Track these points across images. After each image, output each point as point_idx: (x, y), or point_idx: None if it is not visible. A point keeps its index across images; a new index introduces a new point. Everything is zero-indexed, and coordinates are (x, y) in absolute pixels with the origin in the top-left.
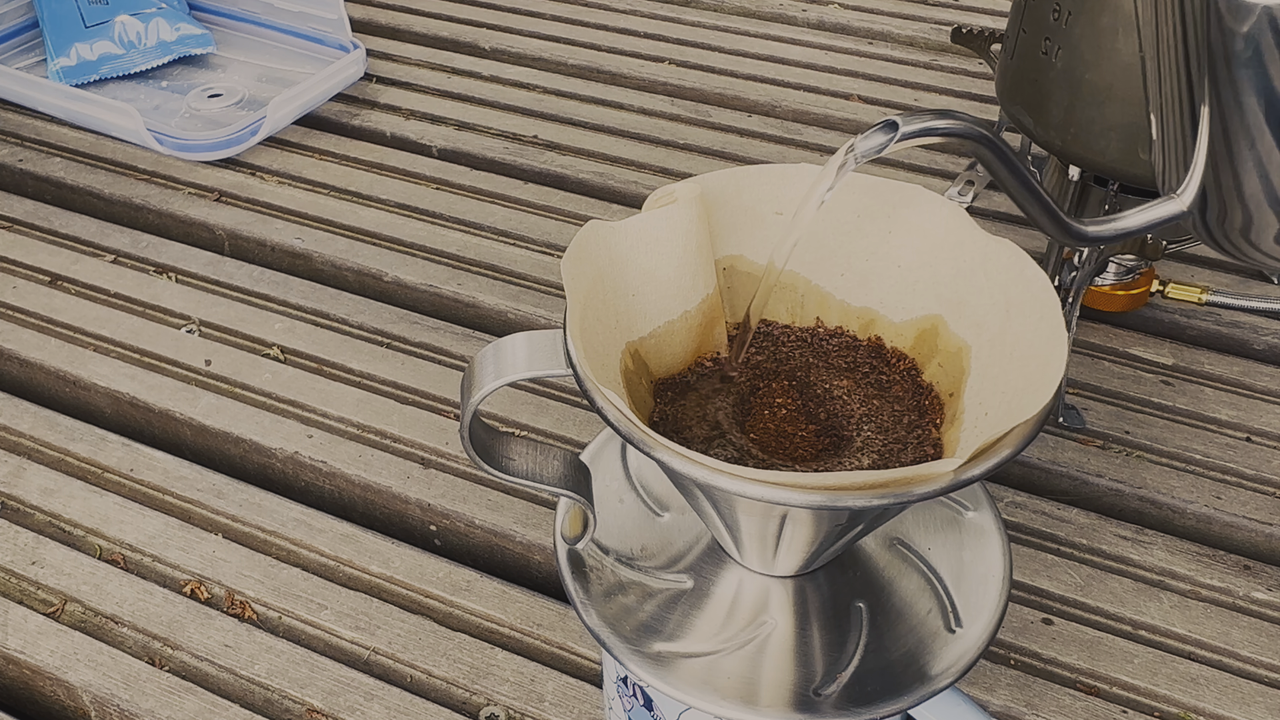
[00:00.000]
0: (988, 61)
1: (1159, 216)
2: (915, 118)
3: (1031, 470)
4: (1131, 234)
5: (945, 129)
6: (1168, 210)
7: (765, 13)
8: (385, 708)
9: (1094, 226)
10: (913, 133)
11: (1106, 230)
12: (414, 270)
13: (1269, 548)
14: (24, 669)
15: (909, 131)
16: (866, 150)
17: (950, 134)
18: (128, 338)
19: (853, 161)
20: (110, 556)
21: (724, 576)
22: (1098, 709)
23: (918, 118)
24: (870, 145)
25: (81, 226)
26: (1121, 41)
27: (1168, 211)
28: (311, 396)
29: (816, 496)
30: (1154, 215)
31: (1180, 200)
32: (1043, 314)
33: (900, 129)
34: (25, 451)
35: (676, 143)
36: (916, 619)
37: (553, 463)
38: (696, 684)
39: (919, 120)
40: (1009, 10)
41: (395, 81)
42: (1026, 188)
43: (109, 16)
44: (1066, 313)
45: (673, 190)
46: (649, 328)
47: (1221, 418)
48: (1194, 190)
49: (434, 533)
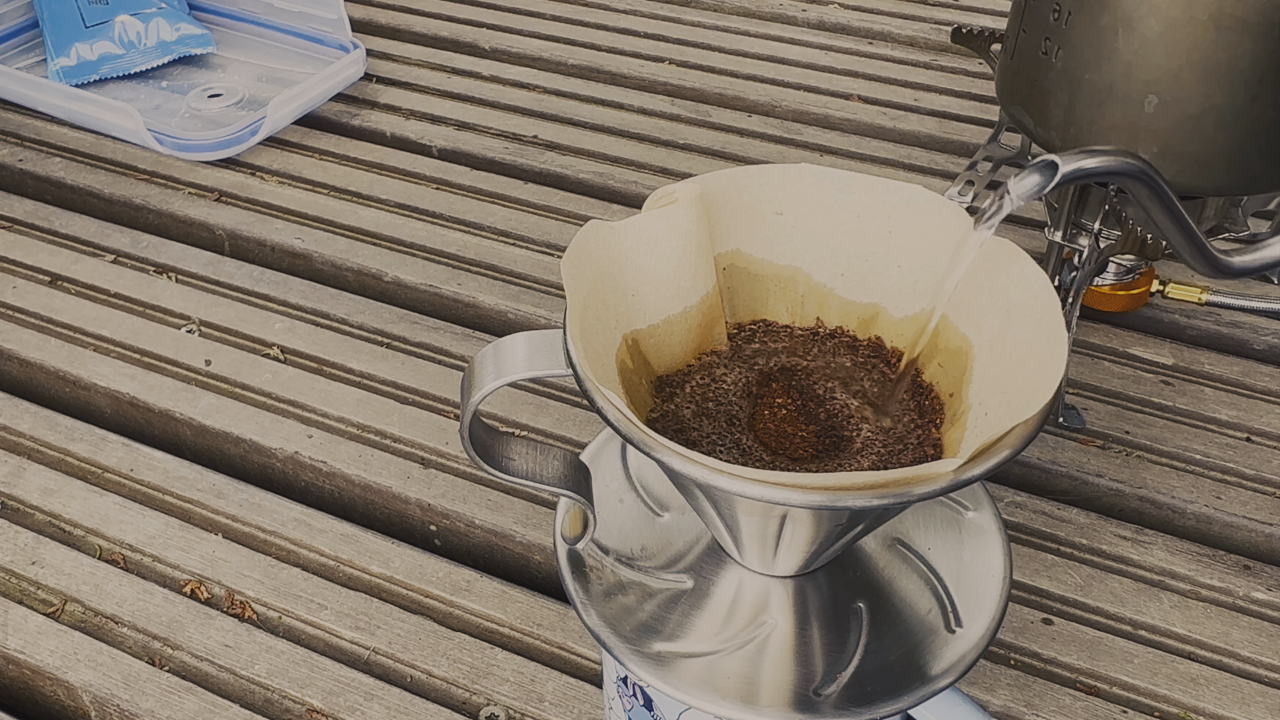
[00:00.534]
0: (988, 61)
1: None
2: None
3: (1031, 470)
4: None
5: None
6: None
7: (765, 13)
8: (385, 708)
9: (1240, 258)
10: (1070, 173)
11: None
12: (414, 270)
13: (1269, 548)
14: (24, 669)
15: (1069, 173)
16: (1023, 191)
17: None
18: (128, 338)
19: (1009, 204)
20: (110, 556)
21: (724, 576)
22: (1098, 709)
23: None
24: (1027, 186)
25: (81, 226)
26: (1121, 41)
27: None
28: (311, 396)
29: (816, 496)
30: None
31: None
32: (1043, 314)
33: (1060, 170)
34: (25, 451)
35: (676, 143)
36: (916, 619)
37: (553, 463)
38: (696, 684)
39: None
40: (1009, 10)
41: (395, 81)
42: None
43: (109, 16)
44: (1066, 313)
45: (673, 190)
46: (649, 323)
47: (1221, 418)
48: None
49: (434, 533)
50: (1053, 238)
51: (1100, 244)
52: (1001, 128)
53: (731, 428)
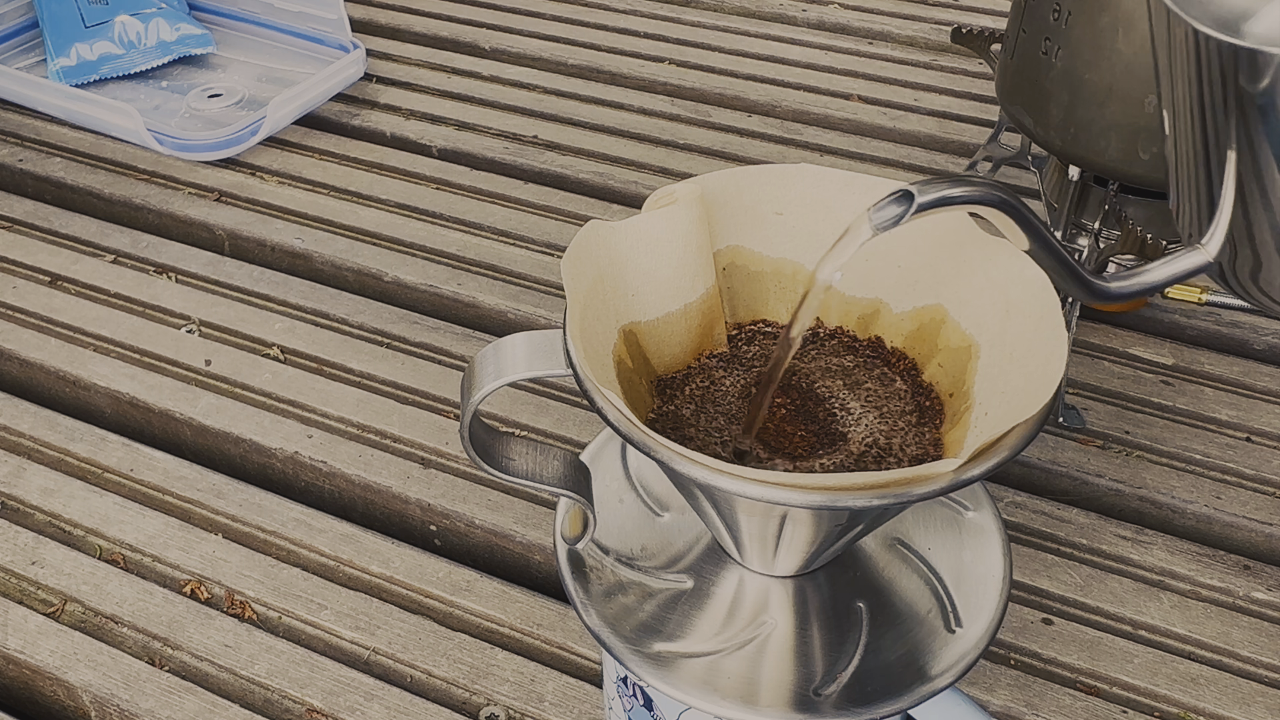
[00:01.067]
0: (988, 61)
1: (1184, 269)
2: (931, 186)
3: (1031, 470)
4: (1157, 288)
5: (963, 197)
6: (1193, 262)
7: (765, 13)
8: (385, 708)
9: (1117, 283)
10: (929, 202)
11: (1131, 286)
12: (414, 270)
13: (1269, 548)
14: (24, 669)
15: (925, 202)
16: (881, 222)
17: (969, 201)
18: (128, 338)
19: (868, 233)
20: (110, 556)
21: (724, 576)
22: (1098, 709)
23: (934, 186)
24: (885, 217)
25: (81, 226)
26: (1121, 41)
27: (1193, 263)
28: (311, 396)
29: (816, 496)
30: (1179, 268)
31: (1205, 251)
32: (1043, 314)
33: (916, 199)
34: (25, 451)
35: (676, 143)
36: (916, 619)
37: (553, 463)
38: (696, 684)
39: (935, 189)
40: (1009, 10)
41: (395, 81)
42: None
43: (109, 16)
44: (1066, 313)
45: (673, 190)
46: (648, 318)
47: (1221, 418)
48: (1219, 241)
49: (434, 533)
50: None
51: (1100, 244)
52: (1001, 128)
53: (731, 428)
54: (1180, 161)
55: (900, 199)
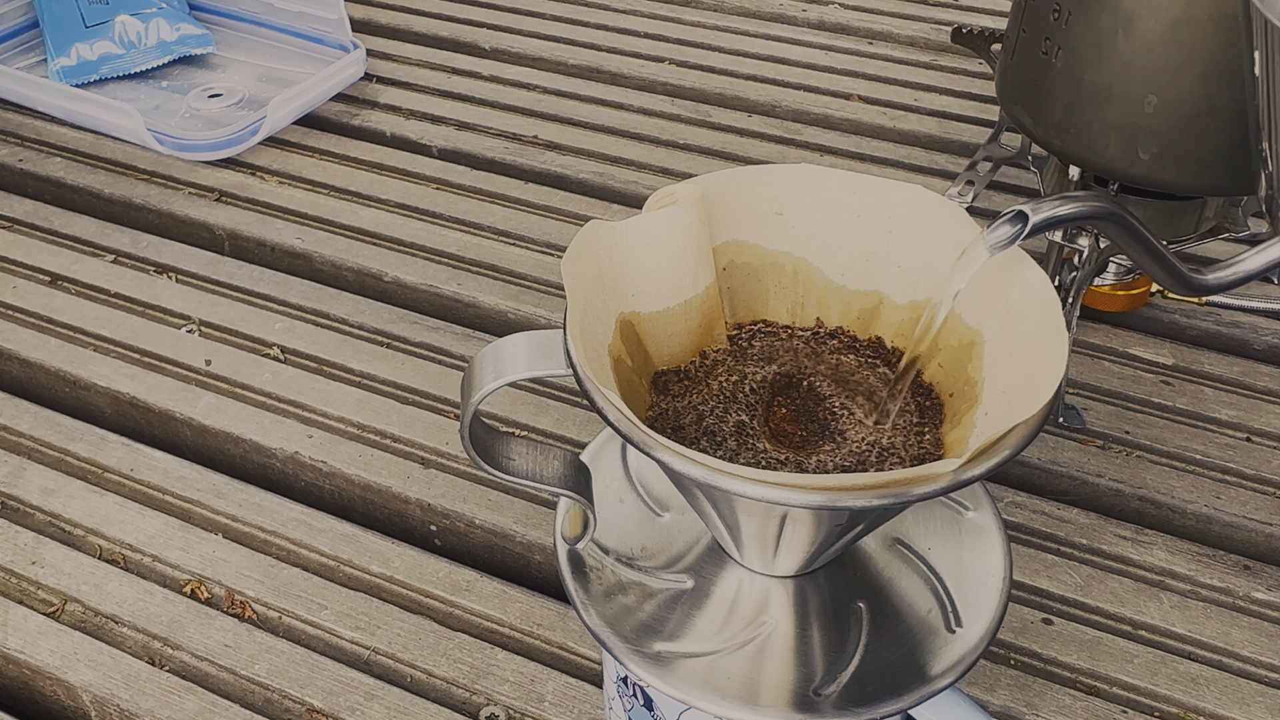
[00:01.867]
0: (988, 61)
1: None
2: (1043, 205)
3: (1031, 470)
4: (1253, 277)
5: (1073, 213)
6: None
7: (765, 13)
8: (385, 708)
9: (1215, 276)
10: (1043, 222)
11: (1228, 277)
12: (414, 270)
13: (1269, 548)
14: (24, 669)
15: (1039, 221)
16: (996, 243)
17: (1080, 216)
18: (128, 338)
19: (985, 254)
20: (110, 556)
21: (724, 576)
22: (1098, 709)
23: (1045, 205)
24: (999, 237)
25: (81, 226)
26: (1121, 41)
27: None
28: (311, 396)
29: (816, 496)
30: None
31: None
32: (1043, 314)
33: (1031, 219)
34: (25, 451)
35: (676, 143)
36: (916, 619)
37: (553, 463)
38: (696, 684)
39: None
40: (1009, 10)
41: (395, 81)
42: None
43: (109, 16)
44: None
45: (674, 191)
46: (648, 310)
47: (1221, 418)
48: None
49: (434, 533)
50: (1053, 238)
51: (1100, 244)
52: (1001, 128)
53: (730, 427)
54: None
55: (1014, 219)
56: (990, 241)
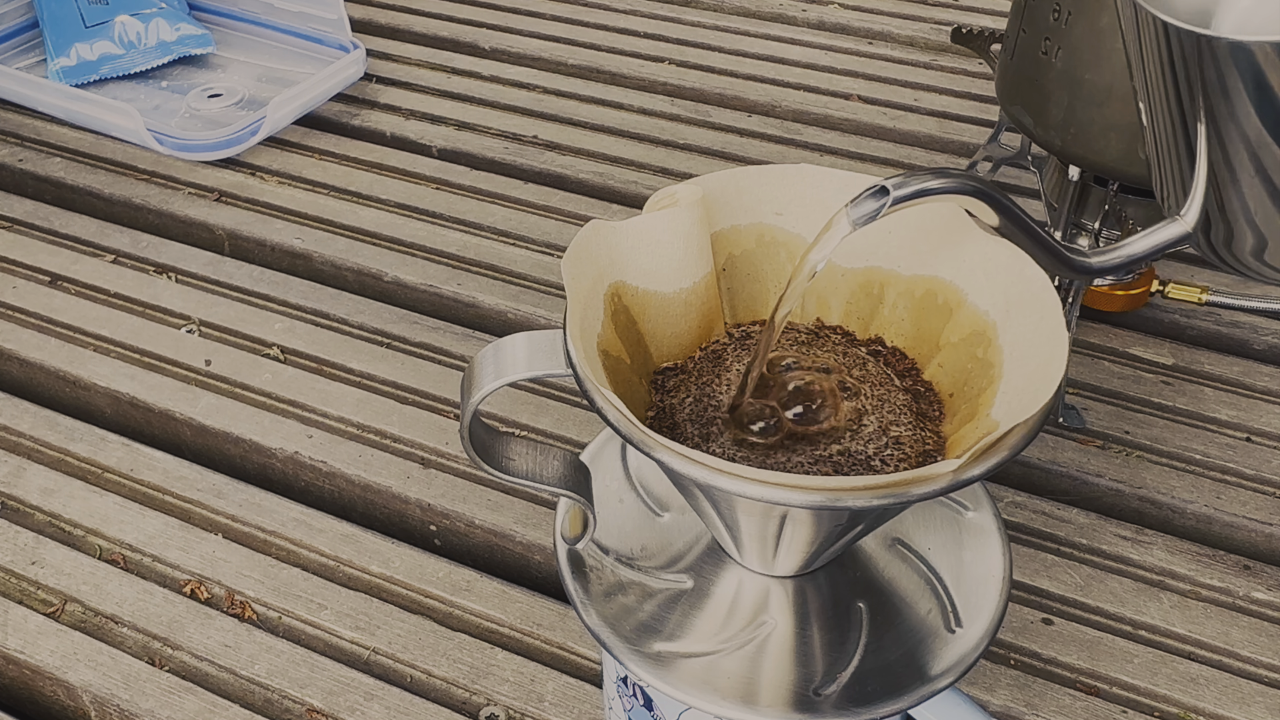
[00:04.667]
0: (988, 61)
1: (1164, 240)
2: (907, 180)
3: (1031, 470)
4: (1138, 260)
5: (939, 188)
6: (1172, 233)
7: (765, 13)
8: (385, 708)
9: (1099, 258)
10: (905, 196)
11: (1112, 259)
12: (414, 270)
13: (1269, 548)
14: (24, 669)
15: (901, 195)
16: (858, 217)
17: (944, 192)
18: (128, 338)
19: (846, 227)
20: (110, 556)
21: (724, 576)
22: (1098, 709)
23: (910, 180)
24: (861, 212)
25: (81, 226)
26: (1121, 41)
27: (1172, 234)
28: (311, 396)
29: (816, 497)
30: (1159, 239)
31: (1184, 222)
32: (1043, 314)
33: (892, 193)
34: (25, 451)
35: (676, 143)
36: (916, 619)
37: (553, 463)
38: (696, 684)
39: (912, 183)
40: (1009, 10)
41: (395, 81)
42: (1027, 232)
43: (109, 16)
44: (1066, 313)
45: (674, 192)
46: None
47: (1221, 418)
48: (1196, 212)
49: (434, 533)
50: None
51: (1100, 244)
52: (1001, 128)
53: (730, 426)
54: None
55: (876, 194)
56: (853, 216)
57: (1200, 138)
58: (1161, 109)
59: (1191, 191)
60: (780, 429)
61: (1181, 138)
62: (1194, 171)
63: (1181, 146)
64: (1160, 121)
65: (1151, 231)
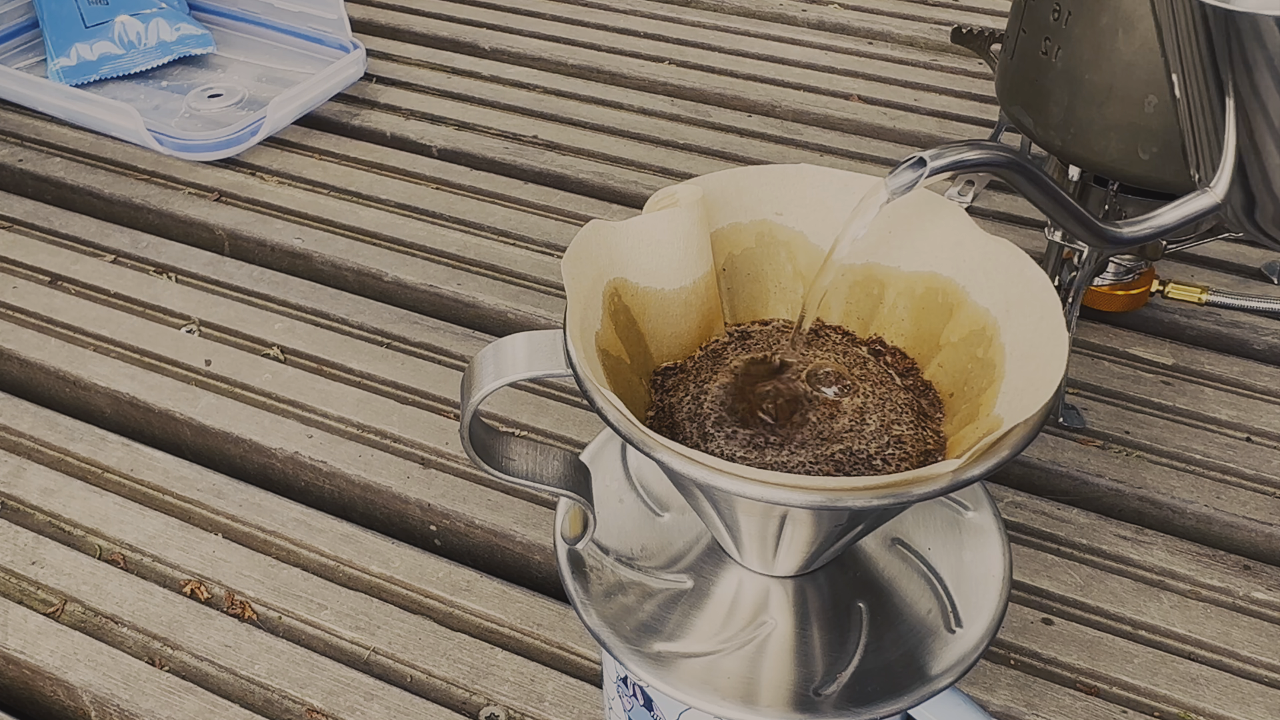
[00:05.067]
0: (988, 61)
1: (1194, 210)
2: (943, 152)
3: (1031, 470)
4: (1168, 230)
5: (974, 160)
6: (1202, 204)
7: (765, 13)
8: (385, 708)
9: (1130, 228)
10: (942, 167)
11: (1143, 230)
12: (414, 270)
13: (1269, 548)
14: (24, 669)
15: (938, 166)
16: (896, 187)
17: (979, 164)
18: (128, 338)
19: (885, 196)
20: (110, 556)
21: (724, 576)
22: (1098, 709)
23: (946, 151)
24: (900, 182)
25: (81, 226)
26: (1121, 41)
27: (1202, 205)
28: (311, 396)
29: (816, 497)
30: (1189, 210)
31: (1214, 193)
32: (1043, 314)
33: (929, 164)
34: (25, 451)
35: (676, 143)
36: (916, 619)
37: (553, 463)
38: (696, 684)
39: (948, 154)
40: (1009, 10)
41: (395, 81)
42: (1058, 201)
43: (109, 17)
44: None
45: (674, 192)
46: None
47: (1221, 418)
48: (1225, 183)
49: (434, 533)
50: (1052, 238)
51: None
52: (1001, 128)
53: (730, 425)
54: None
55: (914, 165)
56: (891, 186)
57: (1229, 110)
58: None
59: (1221, 164)
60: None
61: (1211, 110)
62: (1223, 143)
63: (1211, 119)
64: (1191, 94)
65: (1182, 202)
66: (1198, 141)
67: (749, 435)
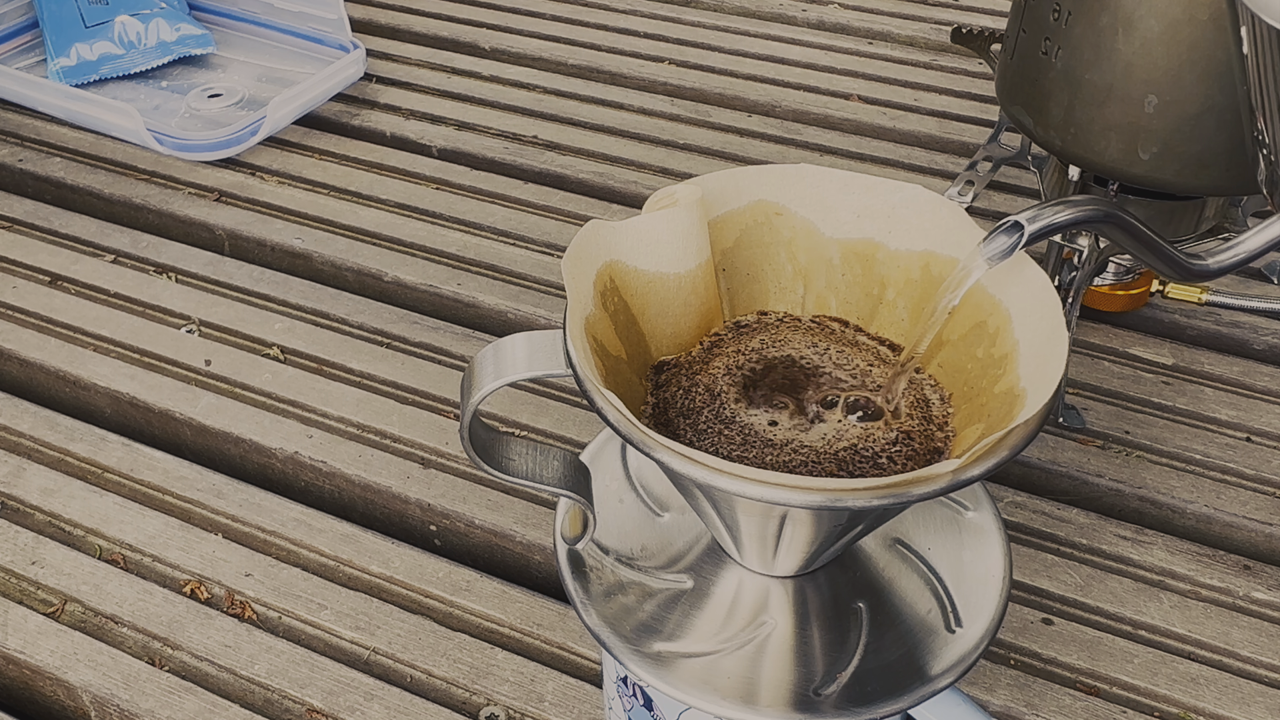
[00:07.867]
0: (988, 61)
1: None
2: (1039, 214)
3: (1031, 470)
4: (1254, 257)
5: (1070, 219)
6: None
7: (765, 13)
8: (385, 708)
9: (1216, 260)
10: (1039, 230)
11: (1228, 259)
12: (414, 270)
13: (1269, 548)
14: (24, 669)
15: (1036, 231)
16: (993, 254)
17: (1077, 223)
18: (128, 338)
19: (984, 266)
20: (110, 556)
21: (724, 576)
22: (1098, 709)
23: (1042, 214)
24: (995, 249)
25: (81, 226)
26: (1121, 41)
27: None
28: (311, 396)
29: (816, 497)
30: (1271, 234)
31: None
32: (1043, 314)
33: (1026, 229)
34: (25, 451)
35: (676, 143)
36: (916, 619)
37: (553, 463)
38: (696, 684)
39: (1044, 217)
40: (1009, 10)
41: (395, 81)
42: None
43: (109, 17)
44: (1066, 313)
45: (673, 192)
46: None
47: (1221, 418)
48: None
49: (434, 533)
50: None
51: (1100, 244)
52: (1001, 128)
53: (730, 423)
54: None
55: (1010, 229)
56: (987, 254)
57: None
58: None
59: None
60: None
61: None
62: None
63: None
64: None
65: (1264, 227)
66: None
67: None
